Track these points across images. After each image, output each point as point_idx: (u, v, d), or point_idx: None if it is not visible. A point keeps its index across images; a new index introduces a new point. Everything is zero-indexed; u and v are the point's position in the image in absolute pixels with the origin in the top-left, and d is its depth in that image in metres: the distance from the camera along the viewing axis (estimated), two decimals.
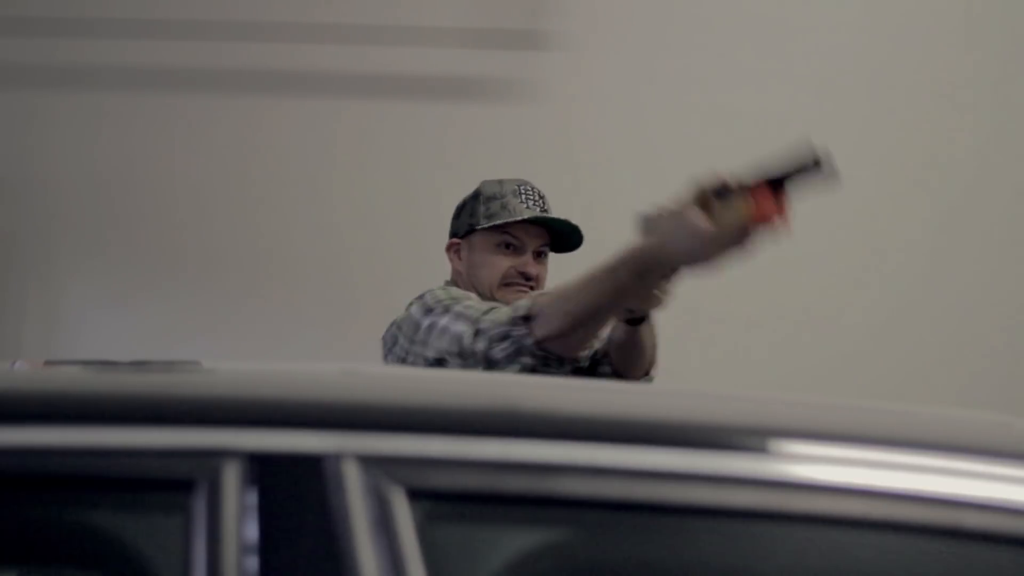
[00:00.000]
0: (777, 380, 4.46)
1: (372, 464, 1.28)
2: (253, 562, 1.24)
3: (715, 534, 1.32)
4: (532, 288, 2.89)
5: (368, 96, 4.60)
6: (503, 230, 2.92)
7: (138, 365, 1.50)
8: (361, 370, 1.56)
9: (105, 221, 4.58)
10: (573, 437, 1.33)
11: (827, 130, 4.61)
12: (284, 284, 4.56)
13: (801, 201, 2.12)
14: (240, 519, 1.25)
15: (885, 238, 4.58)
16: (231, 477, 1.27)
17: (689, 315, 4.26)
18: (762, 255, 2.23)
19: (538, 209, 2.92)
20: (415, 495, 1.27)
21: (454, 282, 2.97)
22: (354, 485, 1.27)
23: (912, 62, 4.63)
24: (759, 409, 1.53)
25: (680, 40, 4.62)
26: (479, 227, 2.94)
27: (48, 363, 1.94)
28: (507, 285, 2.90)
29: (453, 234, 3.00)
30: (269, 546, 1.24)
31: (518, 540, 1.30)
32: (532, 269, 2.91)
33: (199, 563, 1.23)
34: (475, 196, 2.99)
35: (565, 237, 2.95)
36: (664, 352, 2.77)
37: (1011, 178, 4.62)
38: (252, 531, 1.25)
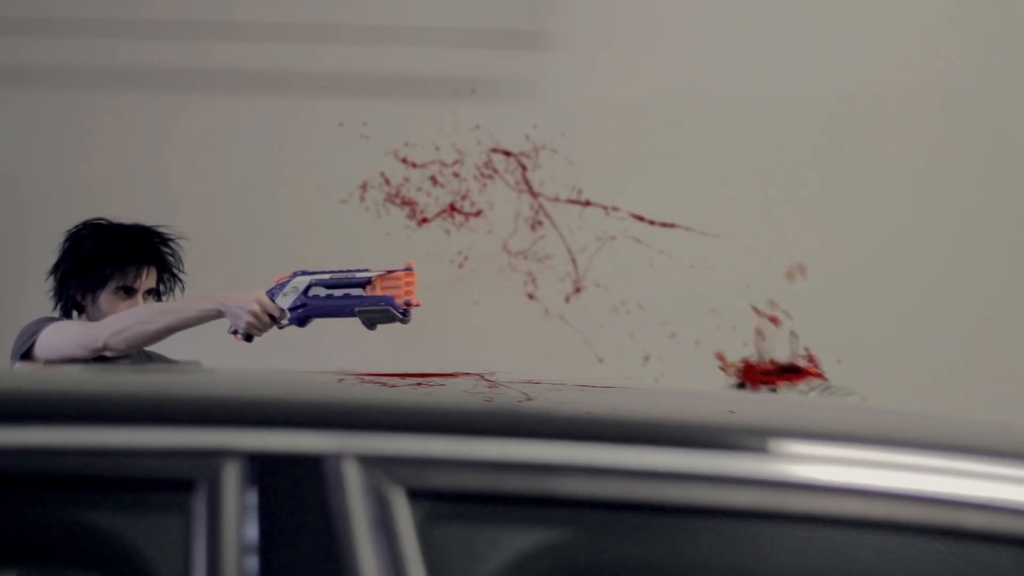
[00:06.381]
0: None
1: (372, 464, 1.28)
2: (253, 562, 1.24)
3: (715, 534, 1.32)
4: None
5: (366, 96, 4.59)
6: None
7: (138, 365, 1.50)
8: (359, 370, 1.57)
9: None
10: (573, 437, 1.33)
11: (827, 129, 4.62)
12: None
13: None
14: (240, 519, 1.25)
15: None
16: (231, 477, 1.27)
17: (693, 321, 4.26)
18: (765, 259, 2.23)
19: None
20: (415, 495, 1.27)
21: None
22: (354, 485, 1.27)
23: (912, 62, 4.63)
24: (759, 409, 1.53)
25: (680, 40, 4.61)
26: None
27: (48, 363, 1.95)
28: None
29: None
30: (269, 546, 1.24)
31: (518, 540, 1.30)
32: None
33: (199, 563, 1.23)
34: None
35: None
36: (666, 354, 2.76)
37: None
38: (252, 531, 1.25)
